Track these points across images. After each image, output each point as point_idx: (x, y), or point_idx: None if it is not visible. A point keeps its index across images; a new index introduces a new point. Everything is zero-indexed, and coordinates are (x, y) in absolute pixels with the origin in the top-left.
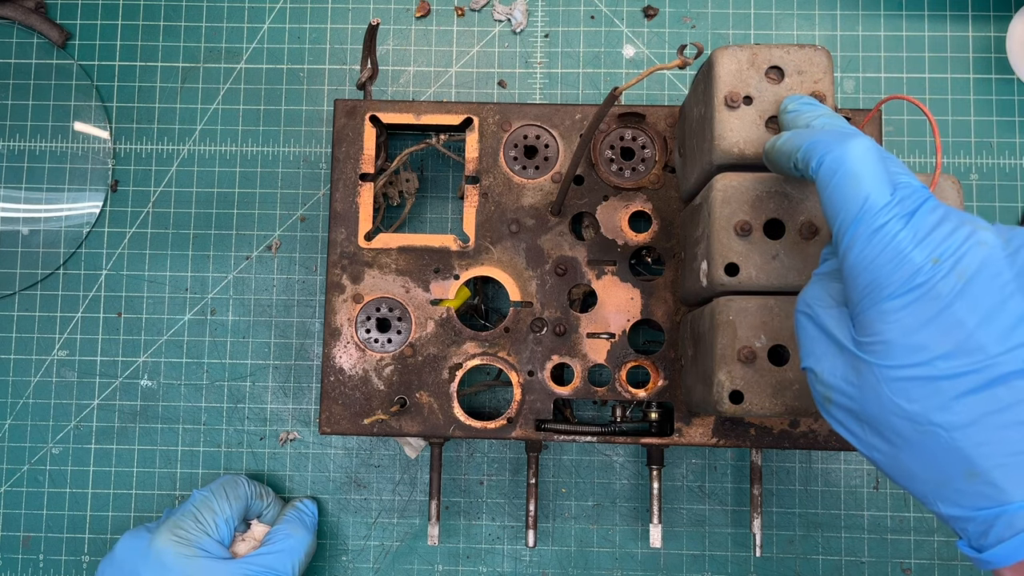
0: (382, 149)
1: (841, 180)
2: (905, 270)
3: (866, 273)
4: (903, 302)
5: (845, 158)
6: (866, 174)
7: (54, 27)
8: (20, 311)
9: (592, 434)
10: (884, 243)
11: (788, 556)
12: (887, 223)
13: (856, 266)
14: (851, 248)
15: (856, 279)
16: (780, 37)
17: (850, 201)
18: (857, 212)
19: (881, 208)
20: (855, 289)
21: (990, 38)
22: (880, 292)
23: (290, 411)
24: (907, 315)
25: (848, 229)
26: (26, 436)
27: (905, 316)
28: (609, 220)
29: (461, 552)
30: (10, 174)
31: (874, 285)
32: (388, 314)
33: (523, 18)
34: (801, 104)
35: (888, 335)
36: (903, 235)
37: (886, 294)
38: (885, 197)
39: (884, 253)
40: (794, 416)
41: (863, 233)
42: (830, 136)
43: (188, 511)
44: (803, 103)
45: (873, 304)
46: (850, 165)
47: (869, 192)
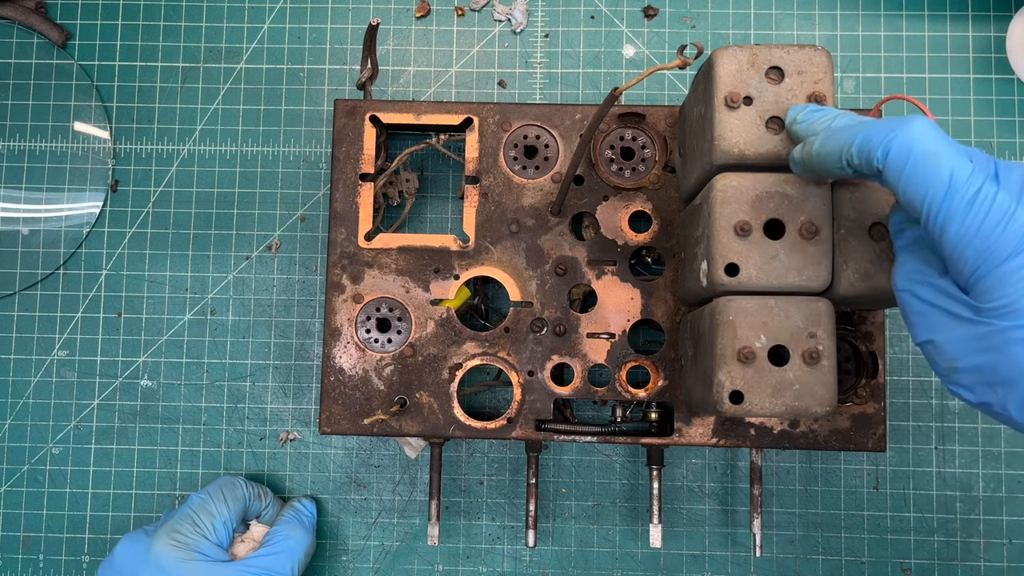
0: (382, 149)
1: (917, 161)
2: (1015, 228)
3: (976, 241)
4: (1022, 260)
5: (913, 139)
6: (941, 149)
7: (54, 27)
8: (20, 311)
9: (592, 434)
10: (985, 208)
11: (788, 556)
12: (980, 189)
13: (962, 237)
14: (950, 221)
15: (965, 249)
16: (780, 37)
17: (934, 178)
18: (947, 186)
19: (969, 177)
20: (966, 259)
21: (990, 38)
22: (996, 256)
23: (290, 411)
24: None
25: (941, 205)
26: (26, 436)
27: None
28: (609, 220)
29: (461, 552)
30: (10, 174)
31: (988, 251)
32: (388, 314)
33: (523, 18)
34: (810, 112)
35: (1013, 296)
36: (1002, 196)
37: (1003, 256)
38: (967, 165)
39: (989, 218)
40: (794, 416)
41: (959, 204)
42: (882, 125)
43: (186, 514)
44: (811, 110)
45: (991, 269)
46: (922, 145)
47: (952, 165)
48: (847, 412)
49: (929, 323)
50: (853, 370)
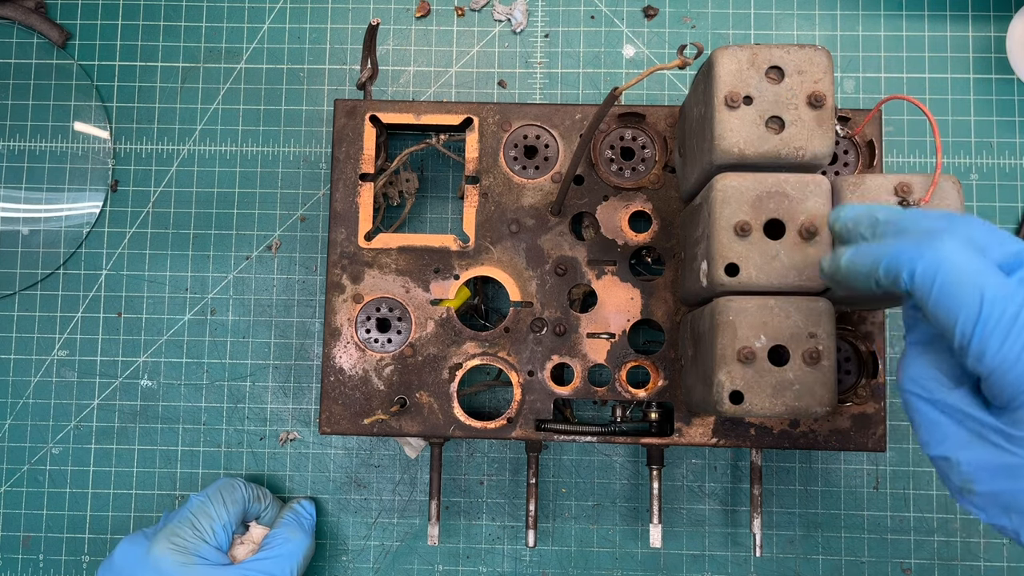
0: (382, 149)
1: (943, 285)
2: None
3: (1016, 370)
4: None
5: (940, 260)
6: (968, 270)
7: (54, 27)
8: (20, 311)
9: (592, 434)
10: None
11: (788, 556)
12: (1020, 311)
13: (1001, 367)
14: (986, 348)
15: (1004, 378)
16: (780, 37)
17: (964, 303)
18: (978, 311)
19: (1004, 298)
20: (1004, 388)
21: (990, 38)
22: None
23: (290, 411)
24: None
25: (975, 331)
26: (26, 436)
27: None
28: (609, 220)
29: (461, 552)
30: (10, 174)
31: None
32: (388, 314)
33: (523, 18)
34: (848, 210)
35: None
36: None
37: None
38: (1002, 284)
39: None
40: (794, 416)
41: (996, 330)
42: (910, 242)
43: (185, 518)
44: (849, 207)
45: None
46: (949, 266)
47: (983, 287)
48: (847, 412)
49: (944, 437)
50: (853, 370)
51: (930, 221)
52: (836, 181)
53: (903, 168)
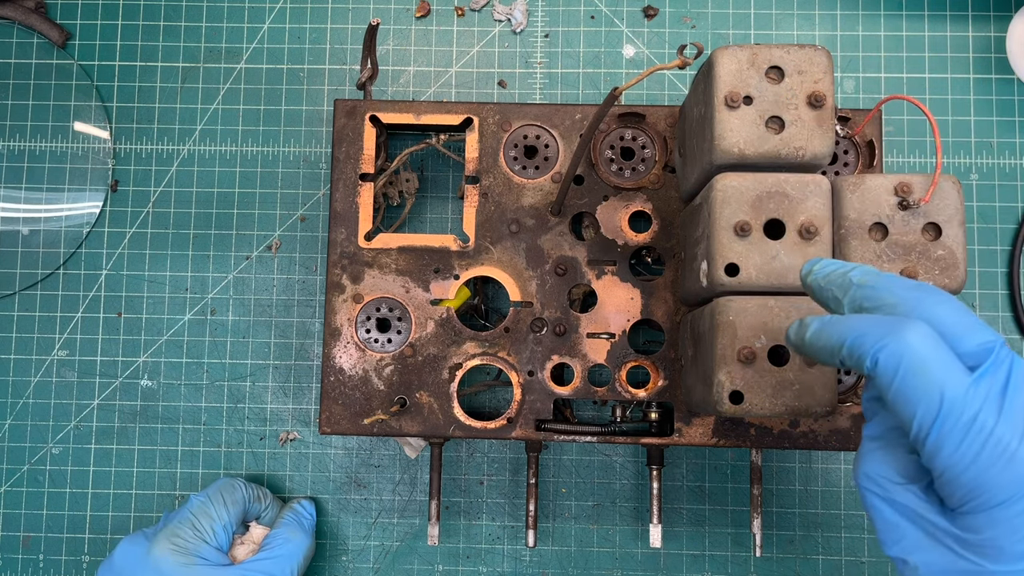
0: (382, 149)
1: (907, 377)
2: (1017, 470)
3: (967, 475)
4: (1020, 508)
5: (904, 350)
6: (933, 362)
7: (54, 27)
8: (20, 311)
9: (592, 434)
10: (981, 439)
11: (788, 556)
12: (978, 414)
13: (953, 467)
14: (941, 447)
15: (957, 480)
16: (780, 37)
17: (925, 398)
18: (937, 408)
19: (964, 397)
20: (956, 488)
21: (990, 38)
22: (992, 497)
23: (290, 411)
24: (1022, 519)
25: (932, 428)
26: (26, 436)
27: (1021, 521)
28: (609, 220)
29: (461, 552)
30: (10, 174)
31: (982, 488)
32: (388, 314)
33: (523, 18)
34: (825, 265)
35: (1002, 541)
36: (1002, 428)
37: (1000, 499)
38: (963, 383)
39: (985, 452)
40: (794, 416)
41: (952, 430)
42: (875, 325)
43: (186, 518)
44: (825, 264)
45: (985, 508)
46: (912, 358)
47: (944, 383)
48: (847, 412)
49: (901, 537)
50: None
51: (905, 292)
52: (836, 181)
53: (903, 168)
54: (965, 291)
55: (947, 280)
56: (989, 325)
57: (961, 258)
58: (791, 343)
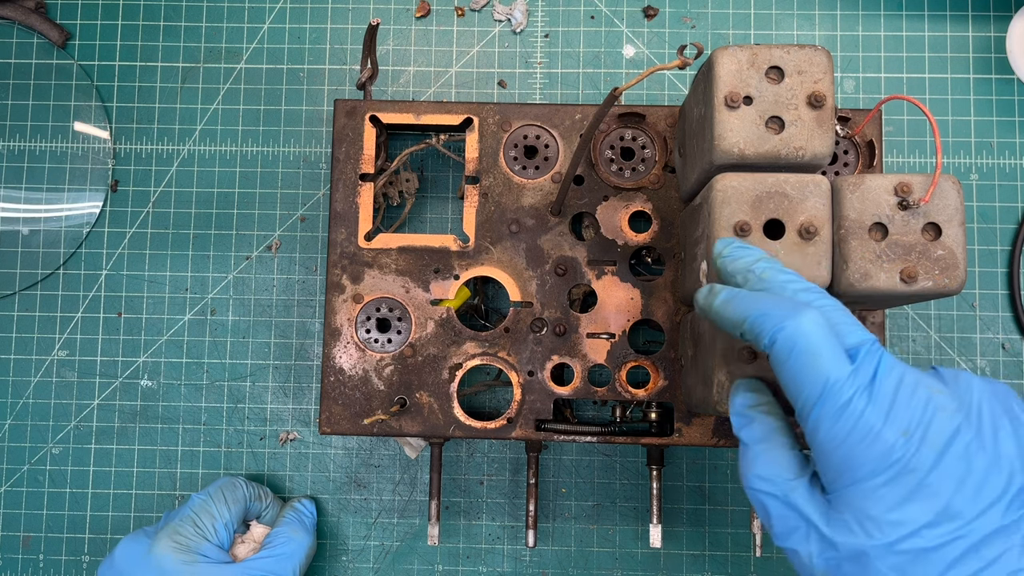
0: (382, 149)
1: (798, 359)
2: (879, 448)
3: (839, 452)
4: (883, 479)
5: (799, 336)
6: (822, 350)
7: (54, 27)
8: (20, 311)
9: (592, 434)
10: (852, 421)
11: None
12: (851, 399)
13: (827, 444)
14: (819, 427)
15: (829, 457)
16: (780, 37)
17: (811, 381)
18: (820, 392)
19: (842, 384)
20: (829, 466)
21: (990, 38)
22: (857, 471)
23: (290, 411)
24: (888, 492)
25: (813, 409)
26: (26, 436)
27: (886, 493)
28: (609, 220)
29: (461, 552)
30: (10, 174)
31: (850, 464)
32: (388, 314)
33: (523, 18)
34: (735, 248)
35: (872, 512)
36: (870, 412)
37: (864, 473)
38: (844, 370)
39: (855, 432)
40: (793, 416)
41: (828, 412)
42: (776, 307)
43: (187, 516)
44: (736, 247)
45: (852, 483)
46: (805, 343)
47: (828, 370)
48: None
49: (792, 530)
50: None
51: (798, 286)
52: (836, 181)
53: (903, 168)
54: (965, 291)
55: (947, 280)
56: (988, 325)
57: (961, 258)
58: (699, 306)
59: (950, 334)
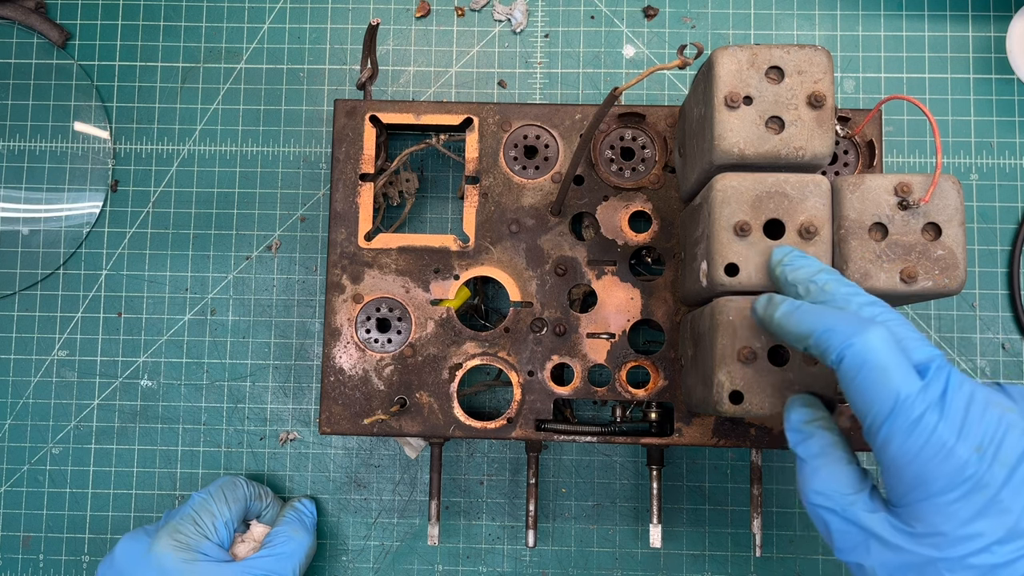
0: (382, 149)
1: (868, 376)
2: (952, 464)
3: (911, 467)
4: (956, 495)
5: (868, 352)
6: (892, 366)
7: (54, 27)
8: (20, 311)
9: (592, 434)
10: (925, 437)
11: (788, 556)
12: (924, 415)
13: (899, 460)
14: (889, 443)
15: (901, 472)
16: (780, 37)
17: (881, 397)
18: (891, 408)
19: (913, 399)
20: (900, 481)
21: (990, 38)
22: (930, 486)
23: (290, 411)
24: (960, 507)
25: (883, 425)
26: (26, 436)
27: (959, 508)
28: (609, 220)
29: (461, 552)
30: (10, 174)
31: (922, 479)
32: (388, 314)
33: (523, 18)
34: (795, 257)
35: (945, 527)
36: (942, 427)
37: (936, 488)
38: (914, 386)
39: (927, 447)
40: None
41: (900, 427)
42: (843, 323)
43: (187, 515)
44: (796, 256)
45: (925, 498)
46: (875, 359)
47: (899, 386)
48: (847, 412)
49: (855, 544)
50: None
51: (862, 300)
52: (836, 181)
53: (903, 168)
54: (965, 291)
55: (947, 280)
56: (988, 325)
57: (961, 258)
58: (757, 316)
59: (950, 334)
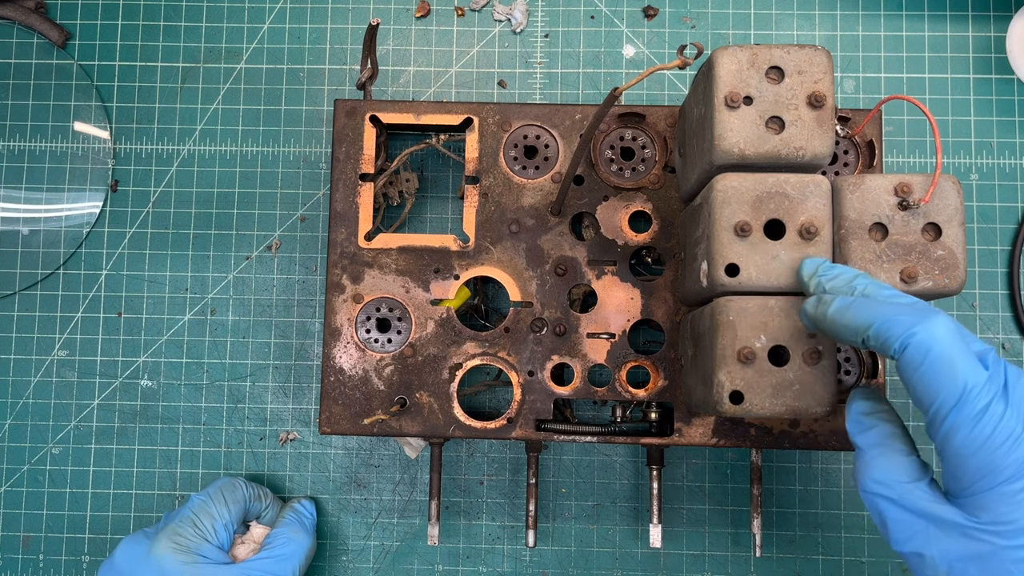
0: (382, 149)
1: (933, 365)
2: (1020, 453)
3: (977, 457)
4: (1022, 484)
5: (933, 341)
6: (958, 356)
7: (54, 27)
8: (20, 311)
9: (592, 434)
10: (992, 426)
11: (788, 556)
12: (990, 404)
13: (965, 449)
14: (956, 432)
15: (966, 461)
16: (780, 37)
17: (947, 387)
18: (959, 396)
19: (980, 389)
20: (965, 471)
21: (990, 38)
22: (997, 475)
23: (290, 411)
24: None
25: (949, 414)
26: (26, 436)
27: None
28: (609, 220)
29: (461, 552)
30: (10, 174)
31: (989, 468)
32: (388, 314)
33: (523, 18)
34: (827, 268)
35: (1012, 515)
36: (1009, 416)
37: (1005, 476)
38: (981, 376)
39: (995, 437)
40: (794, 416)
41: (967, 417)
42: (905, 314)
43: (186, 517)
44: (827, 267)
45: (991, 487)
46: (940, 348)
47: (966, 375)
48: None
49: (913, 534)
50: (853, 370)
51: (905, 300)
52: (836, 181)
53: (903, 168)
54: (965, 291)
55: (947, 280)
56: (988, 325)
57: (961, 258)
58: (808, 316)
59: None
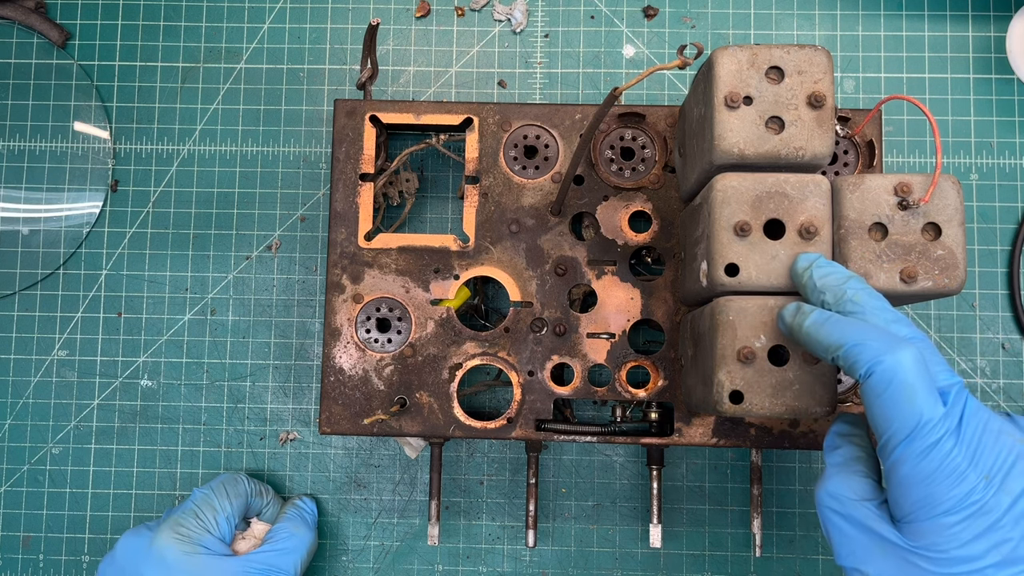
0: (382, 149)
1: (893, 395)
2: (961, 489)
3: (920, 487)
4: (959, 517)
5: (897, 371)
6: (919, 388)
7: (54, 27)
8: (20, 311)
9: (592, 434)
10: (939, 460)
11: (788, 556)
12: (940, 440)
13: (909, 480)
14: (903, 462)
15: (909, 491)
16: (780, 37)
17: (904, 417)
18: (912, 429)
19: (934, 424)
20: (907, 499)
21: (990, 38)
22: (936, 507)
23: (290, 411)
24: (962, 529)
25: (900, 444)
26: (26, 436)
27: (960, 530)
28: (609, 220)
29: (461, 552)
30: (10, 174)
31: (930, 499)
32: (388, 314)
33: (523, 18)
34: (821, 265)
35: (945, 546)
36: (956, 453)
37: (943, 509)
38: (937, 411)
39: (940, 471)
40: (794, 416)
41: (916, 449)
42: (876, 339)
43: (189, 509)
44: (822, 263)
45: (929, 517)
46: (903, 379)
47: (923, 409)
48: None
49: (857, 549)
50: None
51: (890, 316)
52: (836, 181)
53: (903, 168)
54: (965, 291)
55: (947, 280)
56: (988, 325)
57: (961, 258)
58: (784, 324)
59: (950, 334)
